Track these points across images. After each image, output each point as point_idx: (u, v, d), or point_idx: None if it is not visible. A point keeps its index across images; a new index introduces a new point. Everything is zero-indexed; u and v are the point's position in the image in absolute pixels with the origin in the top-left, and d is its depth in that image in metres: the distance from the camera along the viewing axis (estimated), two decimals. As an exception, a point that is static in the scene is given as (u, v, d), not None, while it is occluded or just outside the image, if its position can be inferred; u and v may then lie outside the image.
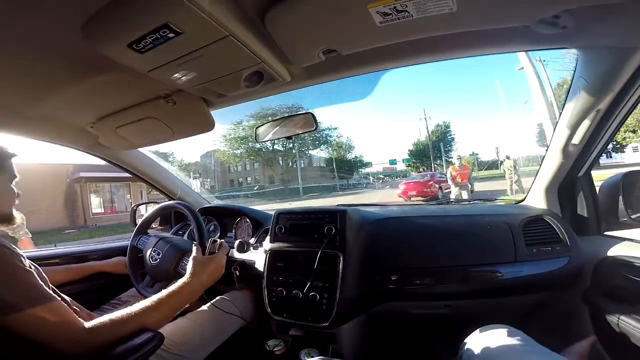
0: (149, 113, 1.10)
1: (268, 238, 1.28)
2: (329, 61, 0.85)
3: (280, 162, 32.73)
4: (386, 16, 0.67)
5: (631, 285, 0.92)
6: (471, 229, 1.19)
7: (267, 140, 1.28)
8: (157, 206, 1.40)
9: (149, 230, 1.44)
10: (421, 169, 33.41)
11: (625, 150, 20.07)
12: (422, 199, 11.69)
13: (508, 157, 8.94)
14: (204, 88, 0.92)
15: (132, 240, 1.37)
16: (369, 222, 1.26)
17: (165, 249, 1.24)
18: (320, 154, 34.89)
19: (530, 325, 0.89)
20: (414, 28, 0.72)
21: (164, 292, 0.83)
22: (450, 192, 8.03)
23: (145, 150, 1.64)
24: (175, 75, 0.80)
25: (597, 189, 1.09)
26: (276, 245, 1.24)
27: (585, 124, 0.96)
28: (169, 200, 1.76)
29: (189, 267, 0.95)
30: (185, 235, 1.57)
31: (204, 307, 1.16)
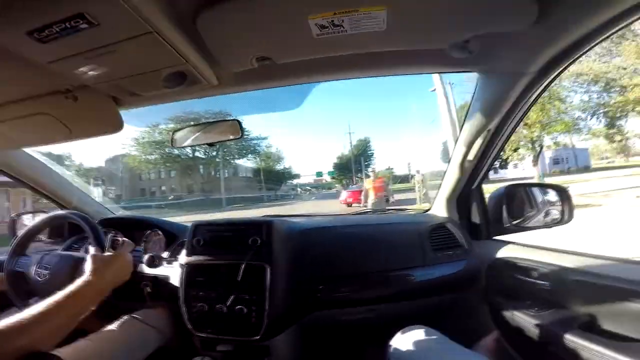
0: (43, 109, 0.93)
1: (184, 251, 1.19)
2: (262, 69, 0.83)
3: (202, 170, 30.65)
4: (323, 29, 0.69)
5: (517, 283, 1.08)
6: (388, 236, 1.29)
7: (186, 146, 1.20)
8: (43, 216, 1.18)
9: (35, 244, 1.21)
10: (344, 182, 35.21)
11: (507, 167, 24.37)
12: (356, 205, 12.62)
13: (418, 172, 10.07)
14: (115, 85, 0.82)
15: (7, 263, 1.12)
16: (296, 233, 1.26)
17: (54, 262, 1.07)
18: (247, 163, 33.86)
19: (443, 324, 0.98)
20: (347, 43, 0.76)
21: (59, 294, 0.70)
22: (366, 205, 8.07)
23: (33, 151, 1.38)
24: (82, 69, 0.70)
25: (487, 199, 1.30)
26: (194, 258, 1.15)
27: (479, 142, 1.13)
28: (61, 209, 1.50)
29: (88, 265, 0.84)
30: (82, 250, 1.35)
31: (112, 327, 1.01)
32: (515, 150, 20.80)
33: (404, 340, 0.88)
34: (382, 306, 1.22)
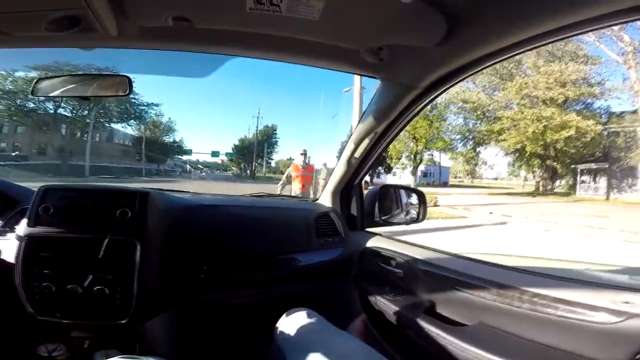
0: None
1: (25, 221, 0.99)
2: (176, 29, 0.77)
3: (63, 130, 24.90)
4: (259, 4, 0.68)
5: (381, 270, 1.27)
6: (278, 220, 1.36)
7: (52, 97, 1.00)
8: None
9: None
10: (242, 165, 34.24)
11: (391, 173, 27.91)
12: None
13: (325, 165, 10.43)
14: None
15: None
16: (177, 208, 1.19)
17: None
18: (127, 130, 29.02)
19: (322, 308, 1.07)
20: (277, 24, 0.77)
21: None
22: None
23: None
24: None
25: (365, 195, 1.50)
26: (39, 230, 0.96)
27: (366, 142, 1.29)
28: None
29: None
30: None
31: None
32: (399, 159, 24.06)
33: (289, 323, 0.94)
34: (269, 289, 1.27)
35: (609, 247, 6.51)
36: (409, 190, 1.55)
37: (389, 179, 26.49)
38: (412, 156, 22.45)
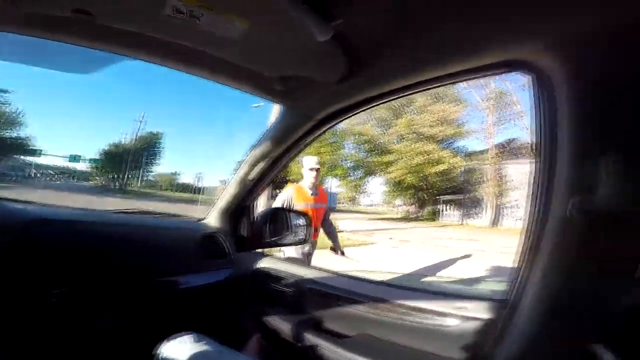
0: None
1: None
2: (73, 20, 0.71)
3: None
4: (178, 13, 0.67)
5: (272, 290, 1.34)
6: (157, 240, 1.28)
7: None
8: None
9: None
10: (112, 175, 29.64)
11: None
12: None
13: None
14: None
15: None
16: (17, 222, 1.01)
17: None
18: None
19: (214, 330, 1.06)
20: (192, 37, 0.77)
21: None
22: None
23: None
24: None
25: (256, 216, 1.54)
26: None
27: (261, 165, 1.35)
28: None
29: None
30: None
31: None
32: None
33: (172, 348, 0.89)
34: (146, 313, 1.18)
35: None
36: (297, 213, 1.68)
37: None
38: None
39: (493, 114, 20.64)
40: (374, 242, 11.50)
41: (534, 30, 0.65)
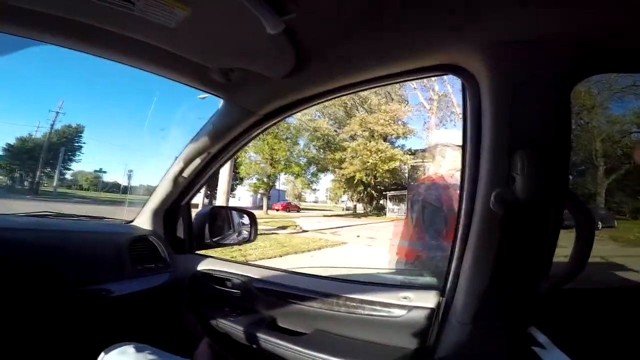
0: None
1: None
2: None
3: None
4: None
5: (217, 292, 1.32)
6: (77, 246, 1.18)
7: None
8: None
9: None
10: (18, 173, 26.12)
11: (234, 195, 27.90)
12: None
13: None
14: None
15: None
16: None
17: None
18: None
19: (155, 338, 1.02)
20: (125, 23, 0.72)
21: None
22: None
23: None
24: None
25: (193, 217, 1.49)
26: None
27: (197, 161, 1.30)
28: None
29: None
30: None
31: None
32: (242, 179, 24.39)
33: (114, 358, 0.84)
34: (75, 327, 1.10)
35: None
36: (240, 211, 1.65)
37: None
38: (266, 178, 23.13)
39: (435, 115, 22.27)
40: (344, 242, 11.18)
41: (463, 37, 0.74)
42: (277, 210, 26.54)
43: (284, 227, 13.72)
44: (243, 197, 27.71)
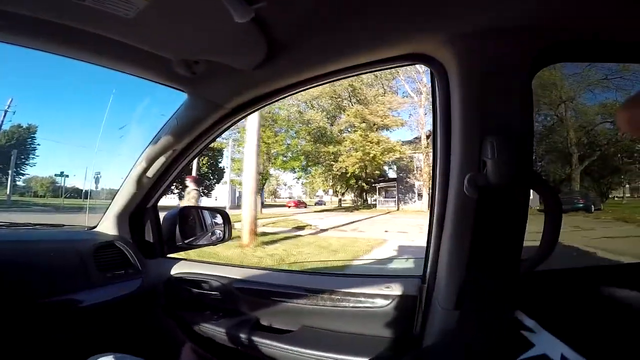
0: None
1: None
2: None
3: None
4: None
5: (194, 295, 1.34)
6: (35, 257, 1.16)
7: None
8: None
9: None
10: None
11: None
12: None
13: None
14: None
15: None
16: None
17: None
18: None
19: (135, 346, 1.04)
20: (77, 15, 0.71)
21: None
22: None
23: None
24: None
25: (162, 219, 1.49)
26: None
27: (161, 160, 1.29)
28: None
29: None
30: None
31: None
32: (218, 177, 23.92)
33: None
34: (43, 340, 1.09)
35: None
36: (212, 210, 1.66)
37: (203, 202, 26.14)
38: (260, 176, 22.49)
39: (423, 106, 22.47)
40: (384, 239, 10.44)
41: (432, 27, 0.79)
42: (290, 207, 27.51)
43: (300, 228, 13.48)
44: (220, 196, 27.46)
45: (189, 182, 6.69)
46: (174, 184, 1.49)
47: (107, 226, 1.45)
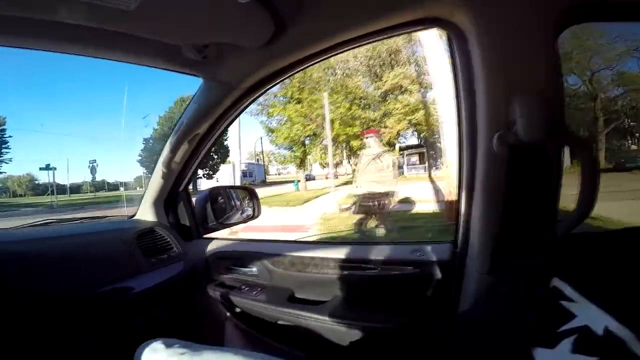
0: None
1: None
2: None
3: None
4: None
5: (232, 272, 1.43)
6: (84, 249, 1.23)
7: None
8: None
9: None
10: None
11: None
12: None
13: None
14: None
15: None
16: None
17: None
18: None
19: (182, 330, 1.10)
20: (79, 11, 0.73)
21: None
22: None
23: None
24: None
25: (194, 201, 1.57)
26: None
27: (186, 145, 1.35)
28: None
29: None
30: None
31: None
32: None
33: (149, 356, 0.87)
34: (100, 330, 1.16)
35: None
36: (239, 189, 1.73)
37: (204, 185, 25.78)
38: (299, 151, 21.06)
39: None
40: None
41: None
42: (328, 178, 26.30)
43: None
44: (222, 178, 27.29)
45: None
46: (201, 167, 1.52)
47: (145, 213, 1.54)
